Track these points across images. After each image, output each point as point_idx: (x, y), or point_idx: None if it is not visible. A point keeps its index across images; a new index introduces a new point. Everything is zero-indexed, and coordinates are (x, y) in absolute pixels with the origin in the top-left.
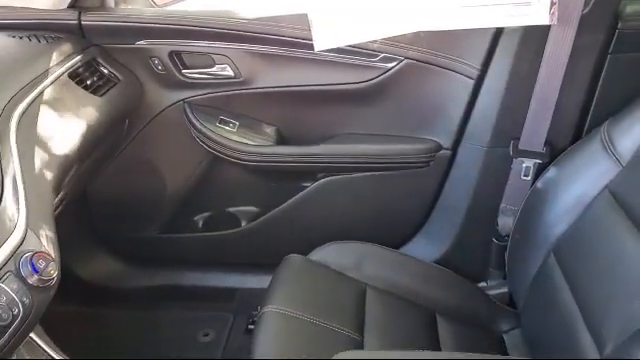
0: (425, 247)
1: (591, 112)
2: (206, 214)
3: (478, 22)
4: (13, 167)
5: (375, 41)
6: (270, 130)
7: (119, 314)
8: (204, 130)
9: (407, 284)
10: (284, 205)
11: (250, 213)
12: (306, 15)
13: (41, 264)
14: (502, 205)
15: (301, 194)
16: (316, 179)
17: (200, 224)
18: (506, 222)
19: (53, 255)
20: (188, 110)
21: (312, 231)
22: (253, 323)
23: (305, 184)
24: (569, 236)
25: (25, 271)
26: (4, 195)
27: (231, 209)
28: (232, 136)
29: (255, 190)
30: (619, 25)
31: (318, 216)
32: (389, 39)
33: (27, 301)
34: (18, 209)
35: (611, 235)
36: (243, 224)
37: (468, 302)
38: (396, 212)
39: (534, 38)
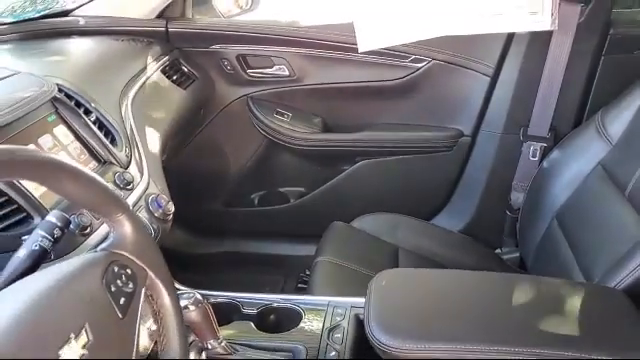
0: (450, 219)
1: (589, 103)
2: (261, 192)
3: (493, 28)
4: (135, 134)
5: (407, 45)
6: (317, 120)
7: (186, 277)
8: (263, 120)
9: (433, 248)
10: (327, 184)
11: (298, 192)
12: (350, 23)
13: (162, 202)
14: (514, 182)
15: (342, 175)
16: (355, 162)
17: (256, 201)
18: (517, 197)
19: (167, 198)
20: (250, 103)
21: (351, 207)
22: (302, 282)
23: (345, 167)
24: (569, 204)
25: (153, 207)
26: (133, 155)
27: (282, 189)
28: (285, 125)
29: (302, 172)
30: (611, 31)
31: (356, 194)
32: (418, 43)
33: (155, 227)
34: (141, 166)
35: (602, 200)
36: (291, 201)
37: (485, 265)
38: (424, 190)
39: (539, 42)
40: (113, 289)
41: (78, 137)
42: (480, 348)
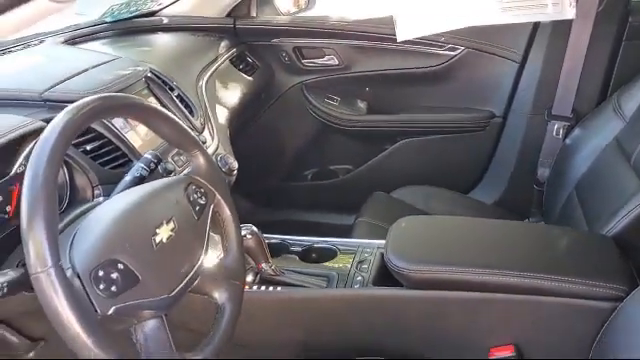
0: (483, 193)
1: (611, 86)
2: (314, 169)
3: (520, 18)
4: (208, 108)
5: (443, 35)
6: (363, 104)
7: None
8: (315, 104)
9: (464, 216)
10: (371, 162)
11: (345, 169)
12: (390, 16)
13: (228, 160)
14: (540, 159)
15: (384, 153)
16: (396, 141)
17: (309, 176)
18: (543, 172)
19: (232, 158)
20: (304, 90)
21: (392, 182)
22: None
23: (387, 146)
24: (586, 175)
25: (221, 163)
26: (206, 124)
27: (331, 166)
28: (335, 109)
29: (349, 151)
30: (630, 19)
31: (397, 170)
32: (453, 33)
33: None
34: (212, 132)
35: (612, 169)
36: (339, 177)
37: None
38: (459, 167)
39: (561, 30)
40: (191, 199)
41: (164, 107)
42: (473, 270)
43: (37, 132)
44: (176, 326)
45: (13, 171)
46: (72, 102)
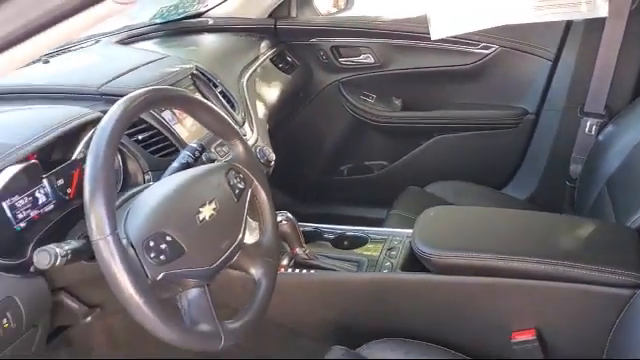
0: (515, 189)
1: None
2: (350, 165)
3: (553, 17)
4: (248, 104)
5: (477, 33)
6: (398, 101)
7: None
8: (352, 101)
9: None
10: (405, 157)
11: (380, 165)
12: (424, 16)
13: (266, 152)
14: (573, 155)
15: (419, 149)
16: (430, 137)
17: (345, 171)
18: (576, 168)
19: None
20: (341, 87)
21: (426, 177)
22: None
23: (422, 142)
24: (618, 171)
25: (259, 155)
26: (246, 118)
27: (367, 162)
28: (370, 105)
29: (384, 146)
30: None
31: (431, 166)
32: (487, 31)
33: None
34: (252, 126)
35: None
36: (375, 172)
37: None
38: (493, 162)
39: (594, 28)
40: (231, 183)
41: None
42: (496, 256)
43: (95, 122)
44: (217, 305)
45: (74, 157)
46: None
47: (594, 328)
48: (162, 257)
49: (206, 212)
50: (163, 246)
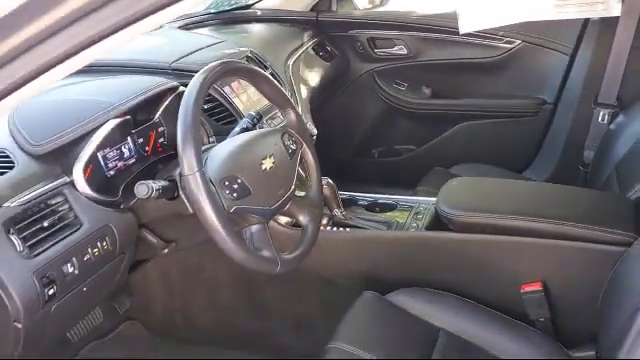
0: (534, 173)
1: None
2: (381, 148)
3: (571, 15)
4: (293, 85)
5: (501, 29)
6: (427, 90)
7: None
8: (385, 89)
9: None
10: (432, 142)
11: (408, 149)
12: (454, 11)
13: (309, 127)
14: (586, 142)
15: (445, 134)
16: (456, 124)
17: (376, 154)
18: (589, 154)
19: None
20: (376, 76)
21: (451, 161)
22: None
23: (448, 127)
24: (626, 156)
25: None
26: (292, 97)
27: (396, 146)
28: (402, 93)
29: (413, 131)
30: None
31: (456, 150)
32: (510, 27)
33: None
34: (297, 103)
35: None
36: (403, 155)
37: None
38: (513, 148)
39: (609, 26)
40: (285, 144)
41: None
42: (509, 216)
43: (172, 90)
44: None
45: (153, 120)
46: (194, 71)
47: (592, 281)
48: (234, 194)
49: (267, 163)
50: (235, 186)
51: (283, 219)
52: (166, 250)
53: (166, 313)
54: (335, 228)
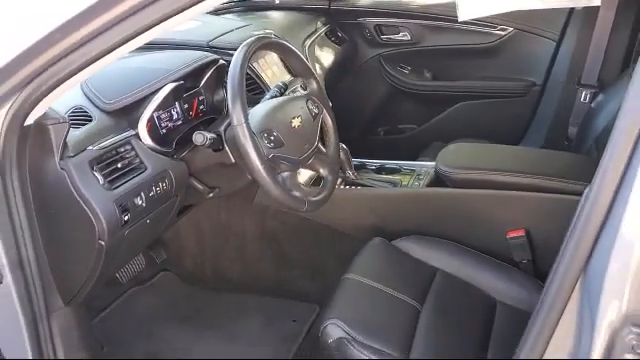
0: (527, 145)
1: (632, 60)
2: (385, 127)
3: (557, 4)
4: (309, 64)
5: (495, 16)
6: (428, 73)
7: None
8: (390, 72)
9: None
10: (433, 121)
11: (411, 128)
12: (453, 1)
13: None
14: (570, 119)
15: (444, 113)
16: (455, 104)
17: (382, 133)
18: (573, 130)
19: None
20: (382, 60)
21: (451, 137)
22: None
23: (447, 107)
24: (604, 131)
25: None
26: None
27: (400, 125)
28: (406, 76)
29: (416, 111)
30: None
31: (454, 128)
32: (504, 15)
33: None
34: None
35: None
36: (406, 133)
37: None
38: (506, 125)
39: (591, 15)
40: (309, 108)
41: (280, 60)
42: (497, 172)
43: (214, 62)
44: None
45: (197, 89)
46: (230, 49)
47: (567, 227)
48: (271, 145)
49: (295, 122)
50: (272, 137)
51: (304, 175)
52: (211, 195)
53: (197, 265)
54: (347, 187)
